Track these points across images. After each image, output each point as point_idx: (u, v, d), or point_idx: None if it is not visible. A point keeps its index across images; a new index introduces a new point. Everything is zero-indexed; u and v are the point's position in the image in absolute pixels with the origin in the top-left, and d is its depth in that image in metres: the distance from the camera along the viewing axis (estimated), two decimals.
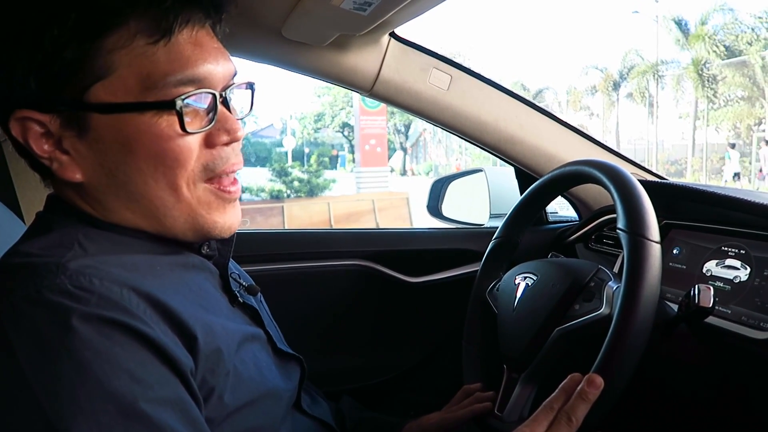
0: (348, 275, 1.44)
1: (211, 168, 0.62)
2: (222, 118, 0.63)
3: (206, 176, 0.63)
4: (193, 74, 0.60)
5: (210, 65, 0.61)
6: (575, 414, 0.67)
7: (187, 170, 0.61)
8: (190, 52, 0.60)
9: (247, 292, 0.76)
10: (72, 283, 0.52)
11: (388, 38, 1.20)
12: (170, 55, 0.59)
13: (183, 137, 0.60)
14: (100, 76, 0.57)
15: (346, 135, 36.36)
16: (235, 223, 0.66)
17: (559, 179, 0.97)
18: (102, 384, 0.48)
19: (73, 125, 0.59)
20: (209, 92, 0.61)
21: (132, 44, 0.57)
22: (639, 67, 26.01)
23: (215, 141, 0.62)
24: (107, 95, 0.58)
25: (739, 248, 0.93)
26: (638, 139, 28.58)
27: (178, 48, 0.59)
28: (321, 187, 14.61)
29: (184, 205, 0.62)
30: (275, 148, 34.25)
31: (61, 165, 0.60)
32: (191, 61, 0.60)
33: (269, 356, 0.72)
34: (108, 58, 0.57)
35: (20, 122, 0.58)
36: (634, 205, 0.77)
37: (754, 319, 0.84)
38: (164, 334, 0.54)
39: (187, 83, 0.59)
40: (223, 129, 0.63)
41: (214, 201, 0.64)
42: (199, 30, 0.61)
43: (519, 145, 1.32)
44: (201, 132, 0.61)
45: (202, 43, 0.61)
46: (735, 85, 21.56)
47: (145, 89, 0.58)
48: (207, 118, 0.62)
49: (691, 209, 1.07)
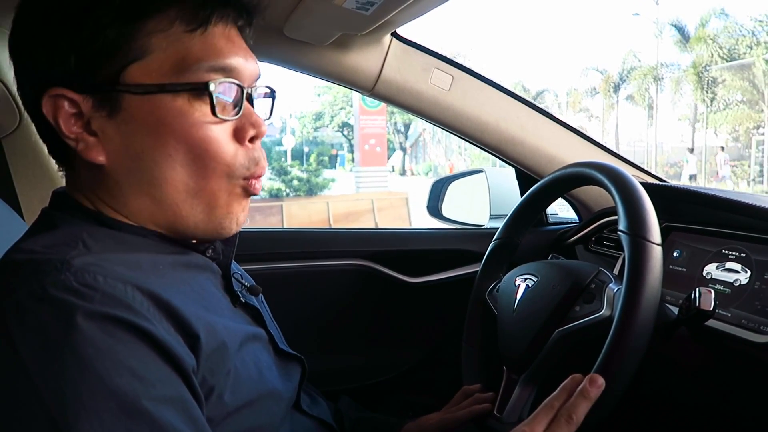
0: (347, 275, 1.44)
1: (247, 167, 0.64)
2: (248, 113, 0.65)
3: (241, 176, 0.64)
4: (225, 64, 0.62)
5: (240, 60, 0.64)
6: (576, 413, 0.66)
7: (221, 163, 0.62)
8: (223, 44, 0.62)
9: (249, 293, 0.76)
10: (77, 279, 0.52)
11: (390, 38, 1.20)
12: (205, 44, 0.61)
13: (213, 125, 0.61)
14: (137, 57, 0.59)
15: (345, 134, 36.37)
16: (242, 219, 0.68)
17: (560, 181, 0.97)
18: (104, 381, 0.48)
19: (105, 105, 0.60)
20: (238, 84, 0.63)
21: (170, 30, 0.60)
22: (639, 69, 26.04)
23: (243, 134, 0.64)
24: (142, 76, 0.59)
25: (740, 251, 0.93)
26: (637, 141, 28.63)
27: (212, 39, 0.62)
28: (320, 187, 14.60)
29: (206, 194, 0.63)
30: (274, 146, 34.20)
31: (87, 146, 0.61)
32: (224, 52, 0.62)
33: (270, 356, 0.72)
34: (147, 40, 0.59)
35: (53, 100, 0.59)
36: (635, 207, 0.77)
37: (754, 323, 0.84)
38: (167, 333, 0.54)
39: (218, 71, 0.61)
40: (248, 122, 0.64)
41: (239, 193, 0.66)
42: (232, 28, 0.64)
43: (520, 146, 1.32)
44: (230, 121, 0.63)
45: (234, 40, 0.64)
46: (734, 89, 21.58)
47: (179, 72, 0.60)
48: (234, 111, 0.63)
49: (691, 212, 1.07)
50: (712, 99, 22.43)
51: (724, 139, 24.24)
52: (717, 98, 22.68)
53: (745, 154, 22.15)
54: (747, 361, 0.84)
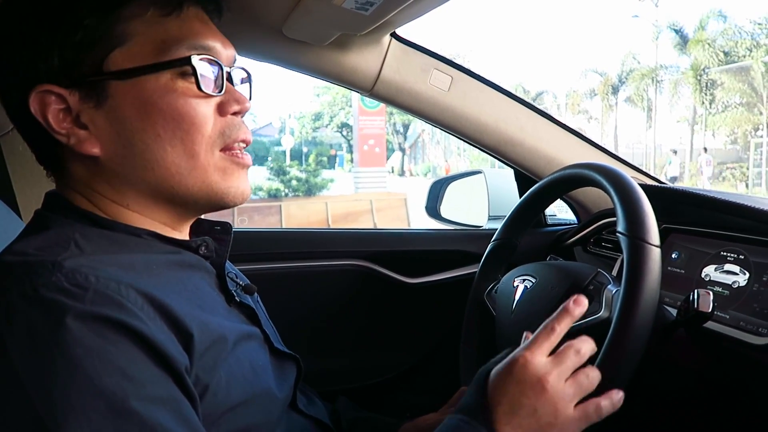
0: (345, 275, 1.44)
1: (227, 134, 0.65)
2: (230, 89, 0.67)
3: (222, 144, 0.65)
4: (204, 43, 0.64)
5: (217, 42, 0.66)
6: (583, 347, 0.64)
7: (204, 136, 0.63)
8: (199, 27, 0.65)
9: (244, 292, 0.76)
10: (68, 280, 0.52)
11: (389, 38, 1.20)
12: (182, 26, 0.63)
13: (198, 100, 0.63)
14: (118, 43, 0.61)
15: (344, 135, 36.36)
16: (247, 190, 0.68)
17: (559, 182, 0.97)
18: (93, 381, 0.48)
19: (92, 96, 0.61)
20: (218, 62, 0.65)
21: (146, 15, 0.61)
22: (638, 71, 26.07)
23: (226, 109, 0.65)
24: (125, 61, 0.61)
25: (738, 253, 0.93)
26: (636, 143, 28.67)
27: (188, 22, 0.64)
28: (319, 187, 14.59)
29: (200, 172, 0.64)
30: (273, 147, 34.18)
31: (78, 140, 0.62)
32: (201, 33, 0.64)
33: (266, 355, 0.72)
34: (125, 26, 0.61)
35: (40, 98, 0.60)
36: (634, 208, 0.77)
37: (753, 325, 0.84)
38: (160, 331, 0.54)
39: (198, 49, 0.63)
40: (232, 99, 0.66)
41: (229, 166, 0.66)
42: (204, 13, 0.67)
43: (519, 147, 1.32)
44: (215, 97, 0.65)
45: (208, 23, 0.67)
46: (733, 91, 21.62)
47: (161, 52, 0.61)
48: (217, 88, 0.65)
49: (690, 214, 1.07)
50: (710, 101, 22.47)
51: (723, 141, 24.29)
52: (716, 100, 22.73)
53: (744, 156, 22.18)
54: (745, 363, 0.84)
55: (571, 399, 0.61)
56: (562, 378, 0.62)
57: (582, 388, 0.63)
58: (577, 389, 0.62)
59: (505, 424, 0.60)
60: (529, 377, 0.61)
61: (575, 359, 0.63)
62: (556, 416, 0.60)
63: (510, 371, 0.62)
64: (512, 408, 0.60)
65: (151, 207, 0.66)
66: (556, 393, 0.61)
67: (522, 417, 0.60)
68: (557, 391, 0.61)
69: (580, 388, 0.62)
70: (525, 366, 0.61)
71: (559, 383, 0.61)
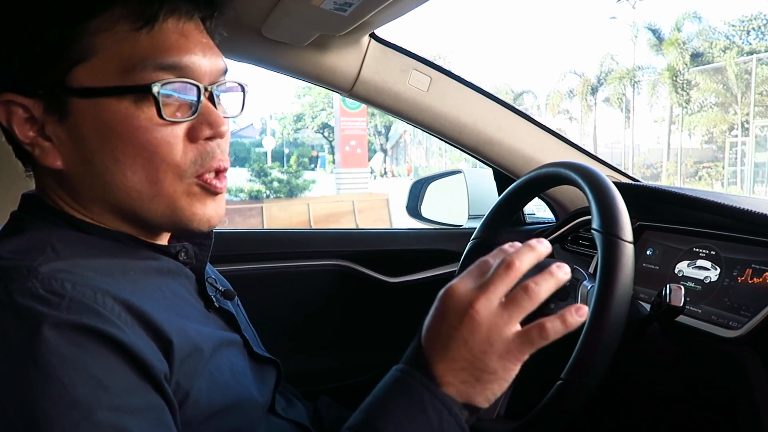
0: (327, 275, 1.44)
1: (198, 163, 0.61)
2: (206, 111, 0.61)
3: (193, 172, 0.61)
4: (175, 61, 0.59)
5: (195, 57, 0.61)
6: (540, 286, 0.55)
7: (170, 164, 0.59)
8: (174, 41, 0.59)
9: (224, 297, 0.76)
10: (43, 287, 0.51)
11: (369, 39, 1.21)
12: (153, 42, 0.58)
13: (161, 127, 0.59)
14: (82, 58, 0.57)
15: (326, 136, 36.29)
16: (214, 217, 0.64)
17: (536, 181, 0.98)
18: (67, 391, 0.47)
19: (54, 110, 0.58)
20: (192, 83, 0.60)
21: (115, 28, 0.57)
22: (616, 72, 26.39)
23: (198, 134, 0.61)
24: (87, 79, 0.57)
25: (710, 249, 0.95)
26: (615, 142, 28.99)
27: (162, 36, 0.59)
28: (301, 188, 14.55)
29: (164, 198, 0.61)
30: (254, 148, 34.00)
31: (43, 151, 0.60)
32: (174, 49, 0.59)
33: (245, 361, 0.71)
34: (90, 40, 0.57)
35: (5, 106, 0.58)
36: (608, 206, 0.79)
37: (724, 318, 0.86)
38: (138, 338, 0.53)
39: (168, 69, 0.58)
40: (206, 122, 0.61)
41: (199, 193, 0.62)
42: (187, 22, 0.61)
43: (497, 147, 1.34)
44: (181, 122, 0.60)
45: (188, 35, 0.61)
46: (708, 92, 21.99)
47: (125, 73, 0.57)
48: (190, 111, 0.60)
49: (664, 211, 1.09)
50: (687, 101, 22.81)
51: (699, 140, 24.70)
52: (692, 101, 23.09)
53: (719, 156, 22.57)
54: (716, 355, 0.87)
55: (506, 322, 0.54)
56: (493, 301, 0.54)
57: (521, 307, 0.54)
58: (514, 310, 0.54)
59: (439, 362, 0.55)
60: (455, 307, 0.55)
61: (508, 280, 0.55)
62: (491, 343, 0.54)
63: (437, 308, 0.57)
64: (444, 344, 0.55)
65: (117, 223, 0.63)
66: (487, 318, 0.54)
67: (454, 350, 0.54)
68: (487, 316, 0.54)
69: (518, 308, 0.54)
70: (450, 296, 0.56)
71: (488, 308, 0.54)
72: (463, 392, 0.55)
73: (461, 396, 0.55)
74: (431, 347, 0.56)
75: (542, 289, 0.55)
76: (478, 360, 0.54)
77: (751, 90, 19.69)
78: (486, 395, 0.55)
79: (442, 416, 0.54)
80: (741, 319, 0.83)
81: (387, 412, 0.55)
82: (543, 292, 0.55)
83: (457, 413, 0.54)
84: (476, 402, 0.55)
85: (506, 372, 0.55)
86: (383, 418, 0.55)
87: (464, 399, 0.55)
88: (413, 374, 0.56)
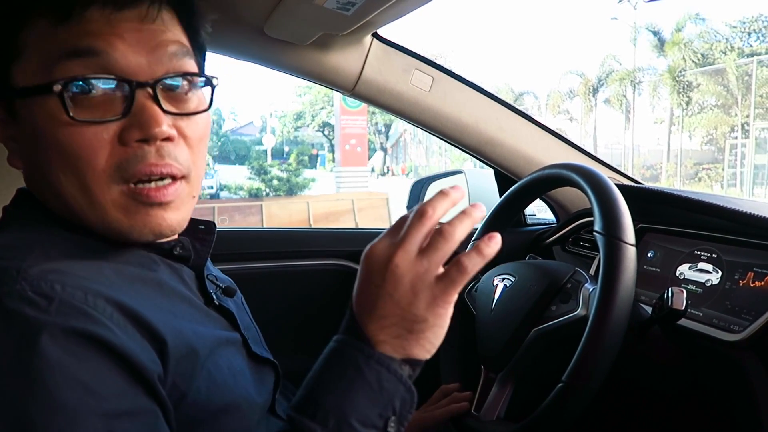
0: (327, 274, 1.44)
1: (123, 168, 0.56)
2: (138, 111, 0.56)
3: (119, 178, 0.57)
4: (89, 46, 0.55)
5: (121, 47, 0.56)
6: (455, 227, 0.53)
7: (96, 170, 0.56)
8: (94, 29, 0.55)
9: (225, 294, 0.74)
10: (33, 289, 0.50)
11: (371, 38, 1.21)
12: (74, 34, 0.55)
13: (83, 128, 0.55)
14: (13, 57, 0.57)
15: (326, 134, 36.28)
16: (163, 225, 0.60)
17: (538, 182, 0.98)
18: (53, 396, 0.46)
19: (8, 111, 0.59)
20: (121, 78, 0.56)
21: (39, 24, 0.56)
22: (616, 72, 26.39)
23: (127, 137, 0.56)
24: (20, 78, 0.57)
25: (711, 252, 0.95)
26: (615, 143, 29.00)
27: (84, 28, 0.55)
28: (300, 186, 14.56)
29: (98, 208, 0.57)
30: (254, 146, 34.03)
31: (11, 151, 0.60)
32: (90, 35, 0.55)
33: (243, 360, 0.70)
34: (19, 38, 0.56)
35: None
36: (610, 208, 0.78)
37: (725, 322, 0.86)
38: (131, 339, 0.52)
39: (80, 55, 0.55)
40: (136, 124, 0.56)
41: (131, 205, 0.58)
42: (117, 13, 0.56)
43: (499, 148, 1.33)
44: (103, 123, 0.56)
45: (117, 25, 0.56)
46: (709, 93, 21.99)
47: (45, 69, 0.55)
48: (120, 110, 0.56)
49: (665, 213, 1.09)
50: (687, 103, 22.81)
51: (699, 142, 24.72)
52: (692, 102, 23.09)
53: (719, 157, 22.58)
54: (717, 359, 0.86)
55: (426, 269, 0.52)
56: (411, 252, 0.52)
57: (438, 250, 0.52)
58: (432, 255, 0.52)
59: (369, 323, 0.54)
60: (376, 265, 0.53)
61: (423, 229, 0.53)
62: (416, 292, 0.52)
63: (361, 271, 0.55)
64: (371, 304, 0.54)
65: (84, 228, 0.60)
66: (408, 269, 0.52)
67: (382, 308, 0.53)
68: (408, 268, 0.52)
69: (436, 252, 0.52)
70: (370, 257, 0.54)
71: (407, 259, 0.52)
72: (398, 347, 0.53)
73: (398, 352, 0.53)
74: (361, 311, 0.55)
75: (457, 229, 0.53)
76: (406, 312, 0.52)
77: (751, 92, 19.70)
78: (423, 345, 0.54)
79: (380, 375, 0.53)
80: (742, 323, 0.83)
81: (325, 382, 0.54)
82: (458, 233, 0.53)
83: (397, 369, 0.53)
84: (415, 354, 0.54)
85: (438, 318, 0.53)
86: (322, 388, 0.54)
87: (402, 354, 0.53)
88: (346, 341, 0.56)
